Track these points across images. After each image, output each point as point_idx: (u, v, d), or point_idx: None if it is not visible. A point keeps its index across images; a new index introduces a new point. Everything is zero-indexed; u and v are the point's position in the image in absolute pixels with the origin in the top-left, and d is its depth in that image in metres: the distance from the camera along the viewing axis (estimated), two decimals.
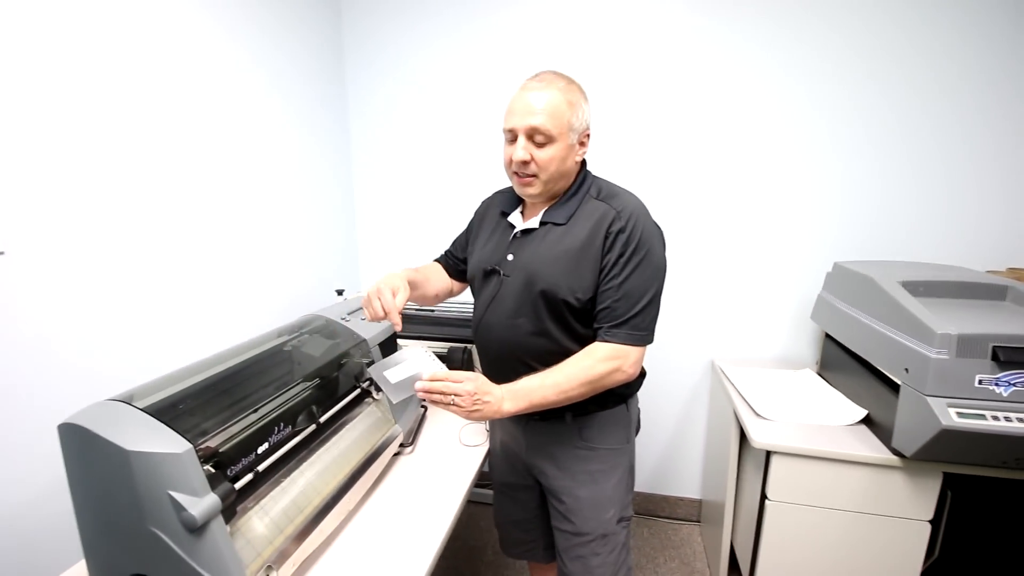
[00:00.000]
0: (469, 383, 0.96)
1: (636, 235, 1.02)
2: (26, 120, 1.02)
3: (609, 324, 1.02)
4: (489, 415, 0.97)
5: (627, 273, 1.01)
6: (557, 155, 1.03)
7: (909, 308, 1.30)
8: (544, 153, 1.02)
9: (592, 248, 1.03)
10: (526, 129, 1.01)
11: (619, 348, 1.02)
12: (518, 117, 1.02)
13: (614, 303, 1.02)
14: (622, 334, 1.02)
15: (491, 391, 0.98)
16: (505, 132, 1.06)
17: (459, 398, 0.95)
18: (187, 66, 1.38)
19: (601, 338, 1.03)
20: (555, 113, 1.01)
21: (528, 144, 1.02)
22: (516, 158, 1.03)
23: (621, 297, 1.01)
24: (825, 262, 1.85)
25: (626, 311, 1.02)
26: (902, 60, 1.72)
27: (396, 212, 2.24)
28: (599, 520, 1.13)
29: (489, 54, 2.00)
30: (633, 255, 1.02)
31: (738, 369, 1.86)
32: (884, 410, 1.40)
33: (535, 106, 1.01)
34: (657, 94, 1.90)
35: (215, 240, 1.49)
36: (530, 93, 1.02)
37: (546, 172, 1.04)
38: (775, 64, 1.80)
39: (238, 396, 0.98)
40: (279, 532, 0.90)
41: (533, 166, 1.03)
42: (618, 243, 1.02)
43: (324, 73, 2.00)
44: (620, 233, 1.02)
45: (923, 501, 1.36)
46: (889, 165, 1.79)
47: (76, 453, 0.77)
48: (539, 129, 1.00)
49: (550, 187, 1.07)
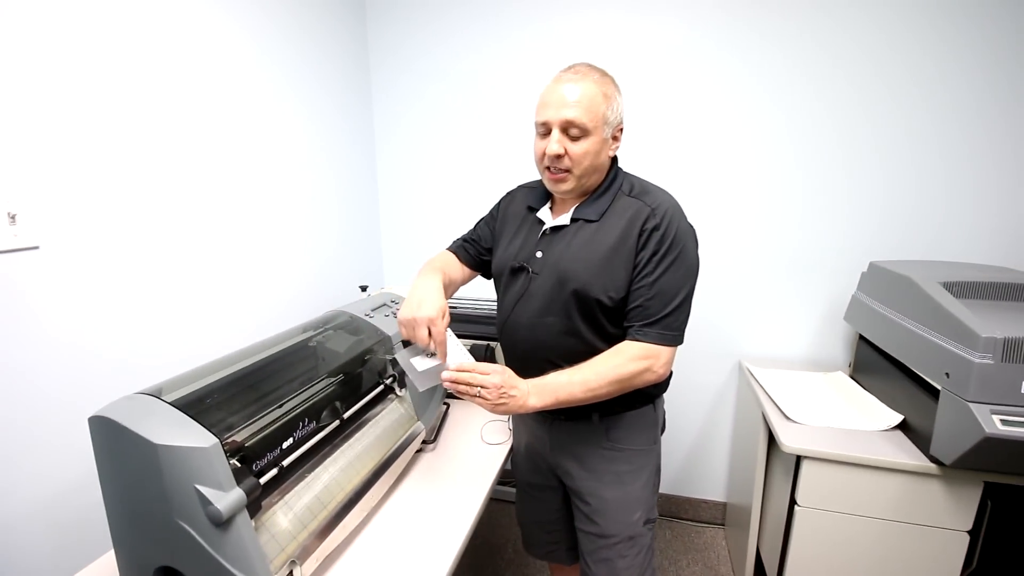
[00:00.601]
0: (496, 375, 0.94)
1: (671, 233, 1.00)
2: (66, 121, 1.04)
3: (641, 323, 1.00)
4: (514, 409, 0.96)
5: (660, 271, 0.99)
6: (591, 149, 1.00)
7: (951, 310, 1.25)
8: (578, 147, 1.00)
9: (625, 246, 1.00)
10: (561, 122, 0.99)
11: (650, 348, 0.99)
12: (552, 109, 0.99)
13: (646, 301, 0.99)
14: (654, 333, 0.99)
15: (517, 385, 0.96)
16: (537, 125, 1.03)
17: (485, 390, 0.93)
18: (217, 68, 1.39)
19: (632, 337, 1.01)
20: (590, 106, 0.98)
21: (562, 137, 0.99)
22: (550, 152, 1.00)
23: (654, 296, 0.99)
24: (856, 261, 1.79)
25: (658, 310, 0.99)
26: (937, 57, 1.66)
27: (420, 208, 2.24)
28: (625, 522, 1.11)
29: (514, 46, 1.98)
30: (667, 253, 0.99)
31: (766, 371, 1.82)
32: (922, 416, 1.35)
33: (570, 98, 0.98)
34: (686, 89, 1.86)
35: (242, 237, 1.51)
36: (564, 85, 1.00)
37: (580, 167, 1.01)
38: (807, 59, 1.74)
39: (264, 391, 0.98)
40: (303, 527, 0.90)
41: (567, 160, 1.00)
42: (652, 241, 0.99)
43: (349, 70, 2.01)
44: (654, 231, 0.99)
45: (962, 511, 1.31)
46: (923, 162, 1.73)
47: (106, 446, 0.78)
48: (574, 122, 0.98)
49: (583, 183, 1.04)
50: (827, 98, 1.76)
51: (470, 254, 1.27)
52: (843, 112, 1.75)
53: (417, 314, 0.99)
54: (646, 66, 1.88)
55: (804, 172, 1.83)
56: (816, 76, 1.75)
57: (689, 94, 1.86)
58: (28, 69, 0.97)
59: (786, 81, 1.78)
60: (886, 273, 1.54)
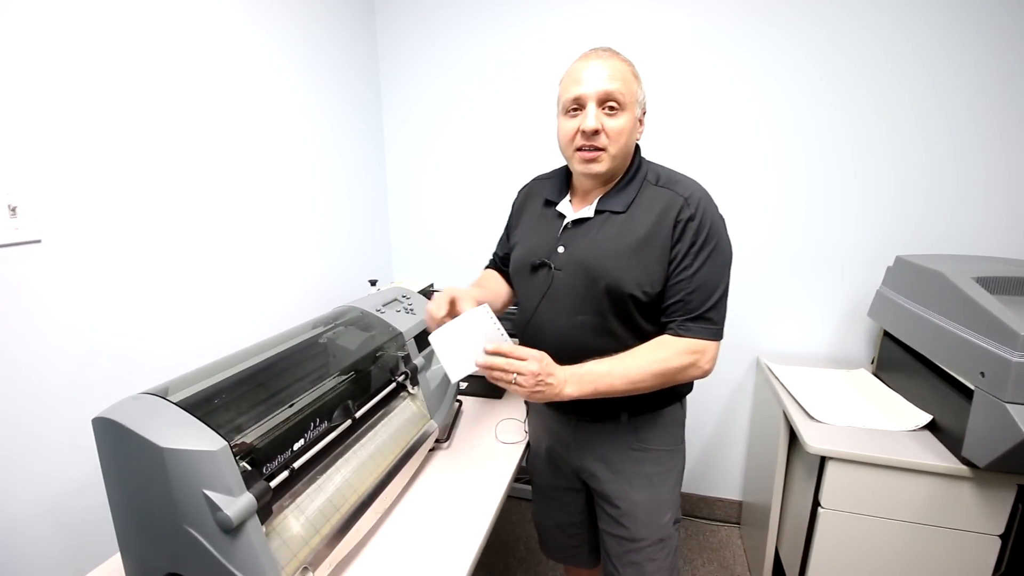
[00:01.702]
0: (534, 361, 0.89)
1: (706, 224, 0.95)
2: (70, 110, 1.00)
3: (684, 318, 0.96)
4: (550, 397, 0.91)
5: (699, 264, 0.95)
6: (627, 126, 0.96)
7: (987, 307, 1.19)
8: (615, 123, 0.95)
9: (658, 238, 0.95)
10: (599, 94, 0.94)
11: (696, 343, 0.95)
12: (587, 84, 0.94)
13: (688, 296, 0.95)
14: (698, 328, 0.95)
15: (555, 372, 0.91)
16: (566, 104, 0.98)
17: (522, 377, 0.88)
18: (224, 58, 1.35)
19: (675, 332, 0.96)
20: (626, 80, 0.94)
21: (599, 112, 0.94)
22: (587, 127, 0.94)
23: (695, 289, 0.95)
24: (876, 255, 1.74)
25: (701, 304, 0.95)
26: (952, 48, 1.59)
27: (429, 200, 2.20)
28: (656, 524, 1.07)
29: (524, 37, 1.93)
30: (704, 245, 0.95)
31: (787, 368, 1.77)
32: (953, 416, 1.30)
33: (605, 73, 0.94)
34: (700, 82, 1.80)
35: (250, 231, 1.47)
36: (594, 62, 0.96)
37: (616, 144, 0.96)
38: (822, 52, 1.68)
39: (273, 390, 0.95)
40: (315, 532, 0.86)
41: (603, 138, 0.95)
42: (688, 232, 0.94)
43: (358, 60, 1.97)
44: (690, 221, 0.95)
45: (994, 514, 1.26)
46: (941, 155, 1.66)
47: (110, 448, 0.75)
48: (613, 94, 0.93)
49: (615, 164, 0.99)
50: (842, 90, 1.69)
51: (502, 269, 1.26)
52: (858, 104, 1.69)
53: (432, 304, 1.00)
54: (661, 58, 1.81)
55: (822, 166, 1.77)
56: (830, 69, 1.69)
57: (704, 87, 1.80)
58: (31, 57, 0.94)
59: (800, 74, 1.72)
60: (915, 268, 1.48)
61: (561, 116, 1.00)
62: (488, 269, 1.31)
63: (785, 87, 1.74)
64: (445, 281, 2.13)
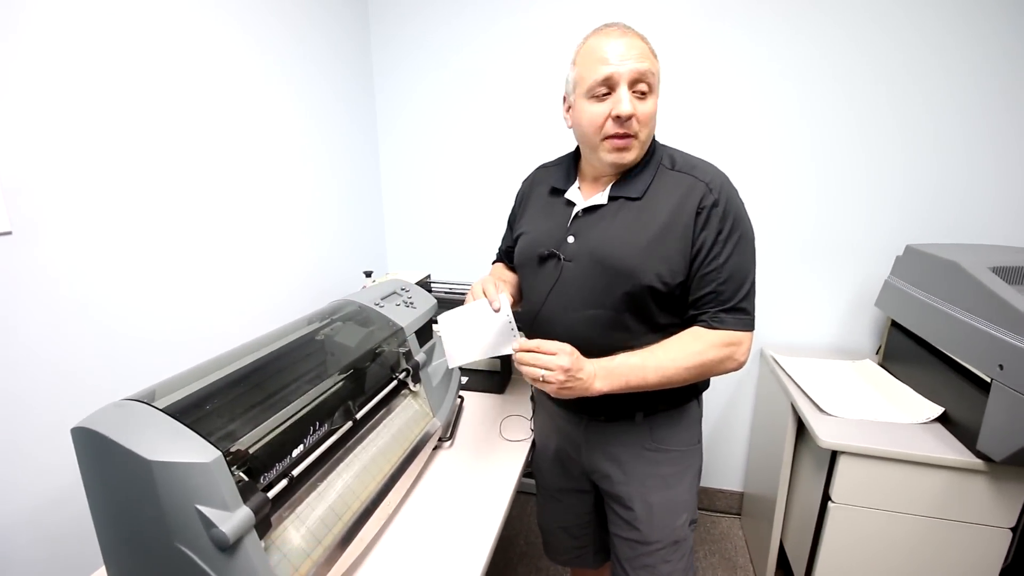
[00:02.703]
0: (564, 356, 0.84)
1: (731, 211, 0.90)
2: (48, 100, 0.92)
3: (717, 309, 0.91)
4: (579, 393, 0.87)
5: (728, 253, 0.90)
6: (655, 110, 0.90)
7: (1005, 297, 1.16)
8: (646, 106, 0.88)
9: (678, 225, 0.90)
10: (632, 75, 0.86)
11: (731, 335, 0.91)
12: (616, 64, 0.85)
13: (719, 286, 0.90)
14: (733, 320, 0.91)
15: (584, 367, 0.86)
16: (594, 86, 0.88)
17: (551, 373, 0.83)
18: (208, 47, 1.26)
19: (708, 324, 0.92)
20: (652, 59, 0.88)
21: (631, 95, 0.87)
22: (623, 112, 0.86)
23: (726, 279, 0.90)
24: (882, 244, 1.71)
25: (734, 294, 0.91)
26: (963, 37, 1.55)
27: (424, 190, 2.12)
28: (671, 527, 1.03)
29: (522, 26, 1.84)
30: (732, 233, 0.90)
31: (793, 359, 1.73)
32: (967, 409, 1.27)
33: (633, 51, 0.86)
34: (706, 69, 1.74)
35: (238, 222, 1.39)
36: (619, 39, 0.87)
37: (646, 130, 0.90)
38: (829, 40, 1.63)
39: (269, 392, 0.88)
40: (317, 543, 0.81)
41: (635, 123, 0.88)
42: (713, 220, 0.89)
43: (351, 56, 1.88)
44: (714, 208, 0.89)
45: (1007, 507, 1.25)
46: (948, 143, 1.63)
47: (92, 460, 0.69)
48: (644, 75, 0.86)
49: (643, 151, 0.93)
50: (848, 77, 1.65)
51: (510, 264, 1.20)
52: (867, 93, 1.64)
53: (480, 283, 0.99)
54: (664, 47, 1.73)
55: (827, 154, 1.72)
56: (836, 56, 1.64)
57: (708, 73, 1.74)
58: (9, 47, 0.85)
59: (805, 61, 1.67)
60: (927, 257, 1.45)
61: (584, 100, 0.91)
62: (497, 263, 1.25)
63: (793, 76, 1.69)
64: (442, 272, 2.07)
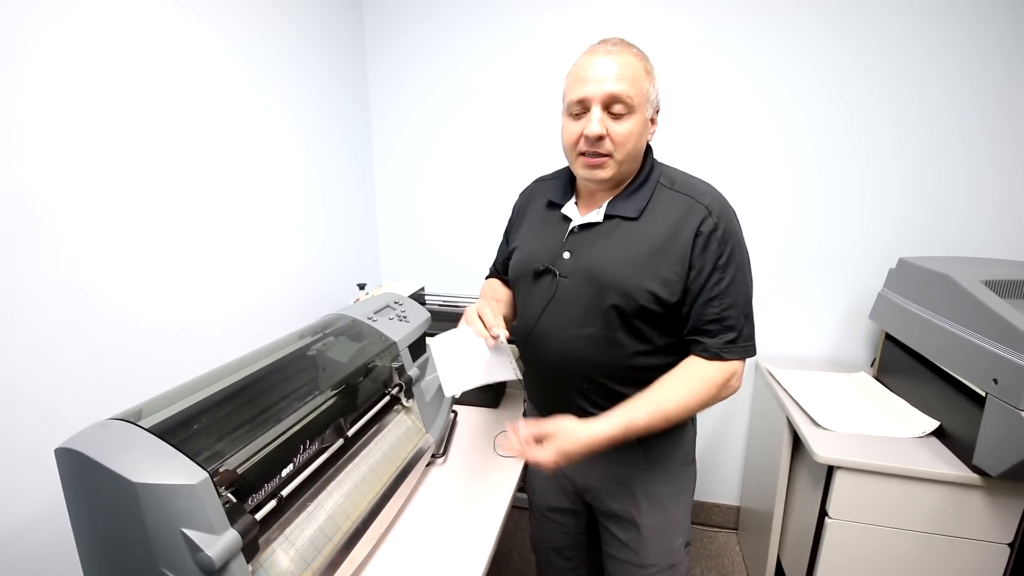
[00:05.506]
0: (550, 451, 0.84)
1: (730, 236, 0.90)
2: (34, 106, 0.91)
3: (724, 340, 0.90)
4: (575, 461, 0.86)
5: (729, 279, 0.89)
6: (635, 130, 0.89)
7: (998, 311, 1.16)
8: (622, 127, 0.88)
9: (675, 247, 0.89)
10: (604, 97, 0.87)
11: (731, 364, 0.91)
12: (593, 84, 0.87)
13: (723, 312, 0.90)
14: (738, 350, 0.91)
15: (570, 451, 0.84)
16: (571, 105, 0.91)
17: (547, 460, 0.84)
18: (201, 53, 1.25)
19: (708, 354, 0.91)
20: (635, 79, 0.87)
21: (604, 116, 0.88)
22: (590, 132, 0.87)
23: (729, 307, 0.90)
24: (877, 257, 1.72)
25: (737, 322, 0.90)
26: (961, 48, 1.57)
27: (418, 202, 2.11)
28: (668, 550, 1.02)
29: (518, 38, 1.85)
30: (731, 259, 0.90)
31: (788, 372, 1.73)
32: (962, 423, 1.27)
33: (612, 71, 0.87)
34: (702, 80, 1.75)
35: (229, 233, 1.38)
36: (602, 58, 0.88)
37: (623, 150, 0.90)
38: (827, 51, 1.65)
39: (259, 409, 0.87)
40: (306, 566, 0.79)
41: (608, 143, 0.89)
42: (712, 245, 0.89)
43: (345, 66, 1.87)
44: (713, 233, 0.89)
45: (1005, 523, 1.24)
46: (946, 155, 1.64)
47: (76, 482, 0.67)
48: (619, 97, 0.86)
49: (623, 169, 0.93)
50: (845, 89, 1.66)
51: (504, 279, 1.19)
52: (865, 106, 1.66)
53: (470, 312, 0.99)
54: (663, 58, 1.75)
55: (823, 167, 1.73)
56: (834, 68, 1.66)
57: (705, 84, 1.75)
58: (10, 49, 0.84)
59: (803, 72, 1.68)
60: (919, 270, 1.45)
61: (565, 116, 0.94)
62: (490, 279, 1.24)
63: (790, 87, 1.70)
64: (436, 285, 2.06)
